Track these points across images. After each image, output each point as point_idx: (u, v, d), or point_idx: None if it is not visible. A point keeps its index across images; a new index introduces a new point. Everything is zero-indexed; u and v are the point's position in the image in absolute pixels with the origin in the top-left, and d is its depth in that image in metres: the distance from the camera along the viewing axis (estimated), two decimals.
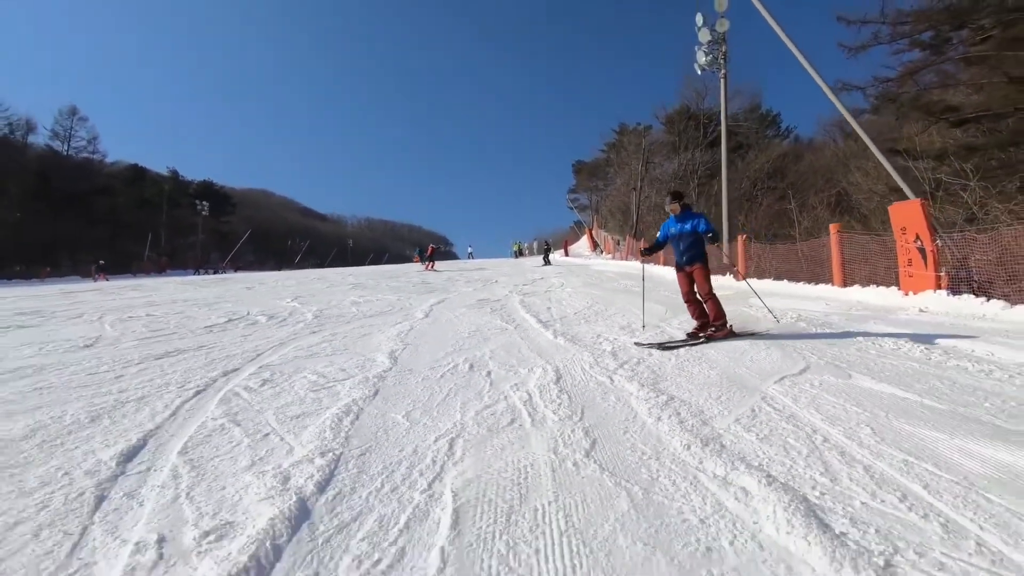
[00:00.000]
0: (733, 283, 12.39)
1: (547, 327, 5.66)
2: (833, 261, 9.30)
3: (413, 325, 6.14)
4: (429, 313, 7.25)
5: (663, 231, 5.05)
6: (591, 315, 6.60)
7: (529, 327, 5.76)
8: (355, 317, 7.04)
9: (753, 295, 8.83)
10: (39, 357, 4.54)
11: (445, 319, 6.66)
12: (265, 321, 6.70)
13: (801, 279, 10.56)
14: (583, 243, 46.40)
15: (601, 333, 5.23)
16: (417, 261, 27.25)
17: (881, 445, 2.19)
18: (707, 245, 4.83)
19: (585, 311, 6.99)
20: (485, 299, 8.98)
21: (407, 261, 30.31)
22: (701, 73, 17.50)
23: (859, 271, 8.93)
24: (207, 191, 62.88)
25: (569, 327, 5.68)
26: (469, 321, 6.37)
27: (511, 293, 9.96)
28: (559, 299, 8.62)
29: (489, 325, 5.98)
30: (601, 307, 7.31)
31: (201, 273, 37.99)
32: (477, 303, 8.38)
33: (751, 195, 27.53)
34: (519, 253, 37.28)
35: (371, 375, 3.68)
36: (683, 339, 4.70)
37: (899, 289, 7.50)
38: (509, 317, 6.60)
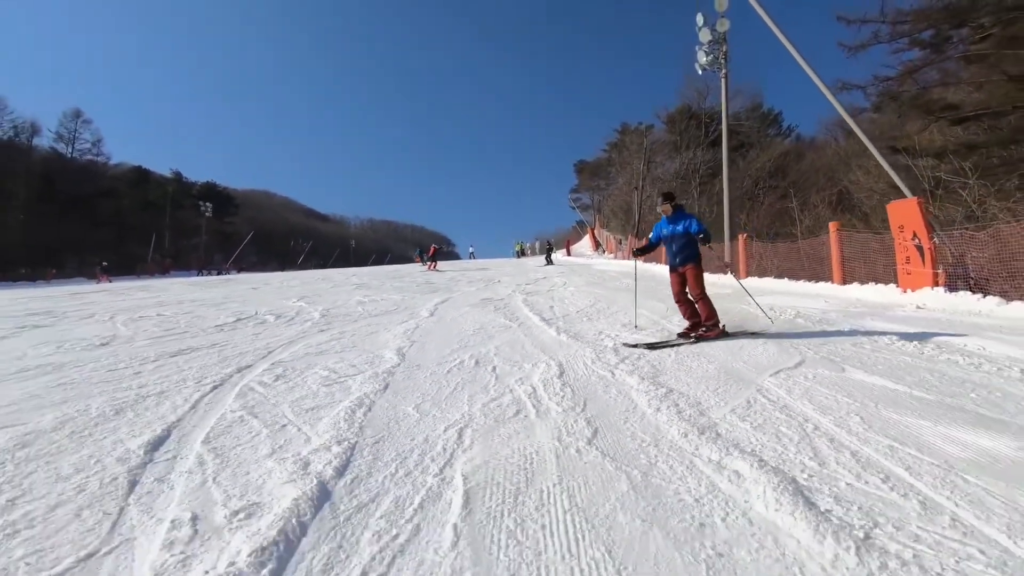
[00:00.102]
0: (733, 281, 12.49)
1: (550, 324, 5.78)
2: (832, 259, 9.39)
3: (419, 323, 6.27)
4: (434, 312, 7.38)
5: (655, 232, 5.04)
6: (593, 313, 6.71)
7: (532, 325, 5.88)
8: (361, 316, 7.17)
9: (756, 294, 8.94)
10: (58, 355, 4.68)
11: (450, 318, 6.78)
12: (273, 320, 6.84)
13: (802, 277, 10.64)
14: (585, 243, 46.54)
15: (603, 330, 5.35)
16: (418, 261, 27.35)
17: (869, 432, 2.30)
18: (701, 246, 4.79)
19: (587, 309, 7.11)
20: (488, 298, 9.10)
21: (410, 262, 30.42)
22: (702, 73, 17.56)
23: (859, 269, 9.02)
24: (210, 192, 63.20)
25: (572, 324, 5.80)
26: (473, 319, 6.49)
27: (514, 292, 10.07)
28: (562, 298, 8.74)
29: (493, 323, 6.11)
30: (603, 305, 7.42)
31: (204, 274, 38.20)
32: (481, 302, 8.50)
33: (753, 194, 27.58)
34: (521, 253, 37.38)
35: (380, 370, 3.81)
36: (673, 339, 4.68)
37: (897, 286, 7.59)
38: (513, 315, 6.72)
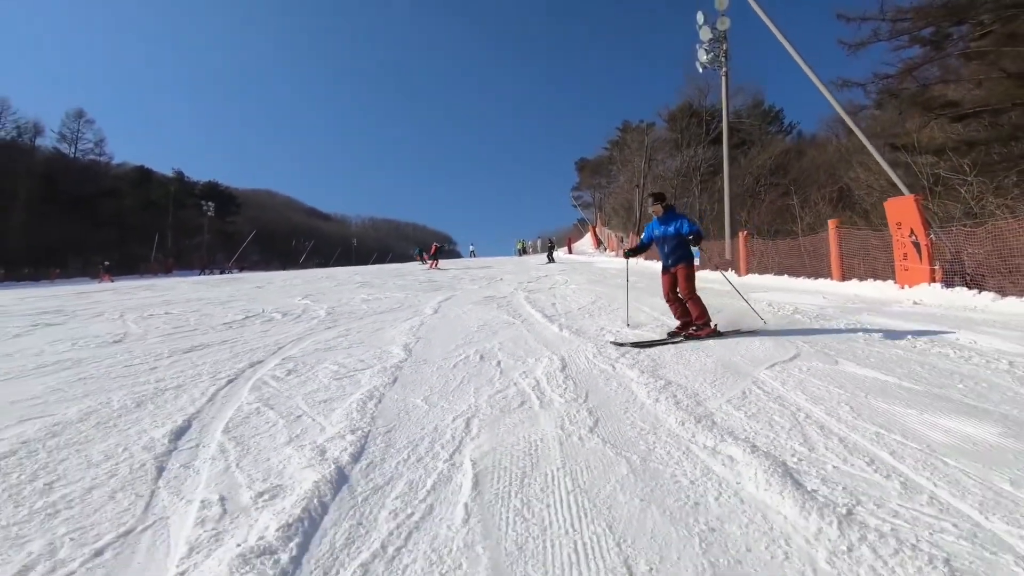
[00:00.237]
0: (734, 278, 12.59)
1: (552, 321, 5.90)
2: (832, 256, 9.49)
3: (423, 320, 6.39)
4: (438, 309, 7.50)
5: (647, 233, 5.00)
6: (595, 310, 6.83)
7: (535, 321, 6.00)
8: (366, 314, 7.30)
9: (754, 290, 9.04)
10: (74, 352, 4.81)
11: (454, 315, 6.90)
12: (281, 318, 6.97)
13: (802, 274, 10.75)
14: (587, 240, 46.62)
15: (604, 326, 5.46)
16: (418, 260, 27.47)
17: (857, 420, 2.42)
18: (700, 245, 4.71)
19: (589, 306, 7.22)
20: (491, 296, 9.22)
21: (411, 260, 30.50)
22: (703, 71, 17.65)
23: (860, 265, 9.12)
24: (212, 192, 63.41)
25: (574, 321, 5.92)
26: (477, 316, 6.61)
27: (516, 290, 10.19)
28: (563, 295, 8.85)
29: (497, 320, 6.23)
30: (604, 302, 7.53)
31: (207, 273, 38.37)
32: (483, 300, 8.62)
33: (754, 191, 27.63)
34: (523, 251, 37.51)
35: (388, 365, 3.93)
36: (663, 338, 4.63)
37: (895, 283, 7.70)
38: (515, 312, 6.84)
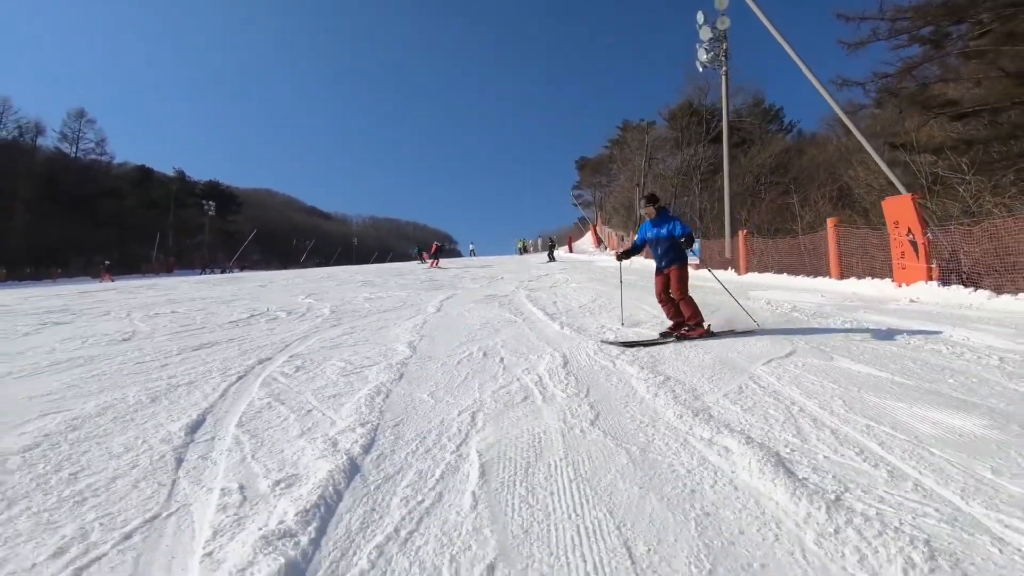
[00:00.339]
0: (735, 277, 12.67)
1: (554, 319, 5.99)
2: (830, 254, 9.57)
3: (426, 319, 6.48)
4: (440, 308, 7.59)
5: (640, 234, 5.01)
6: (595, 308, 6.92)
7: (537, 319, 6.09)
8: (370, 312, 7.39)
9: (754, 289, 9.13)
10: (85, 349, 4.91)
11: (456, 313, 7.00)
12: (285, 316, 7.06)
13: (801, 272, 10.84)
14: (587, 239, 46.70)
15: (605, 324, 5.55)
16: (418, 260, 27.55)
17: (849, 413, 2.51)
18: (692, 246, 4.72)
19: (590, 304, 7.31)
20: (493, 295, 9.31)
21: (412, 260, 30.53)
22: (703, 70, 17.74)
23: (859, 264, 9.19)
24: (213, 191, 63.49)
25: (575, 319, 6.01)
26: (479, 315, 6.70)
27: (517, 289, 10.28)
28: (564, 294, 8.94)
29: (499, 318, 6.32)
30: (605, 301, 7.62)
31: (207, 272, 38.43)
32: (485, 298, 8.71)
33: (754, 190, 27.66)
34: (523, 250, 37.60)
35: (394, 362, 4.03)
36: (654, 338, 4.62)
37: (893, 281, 7.78)
38: (517, 311, 6.93)
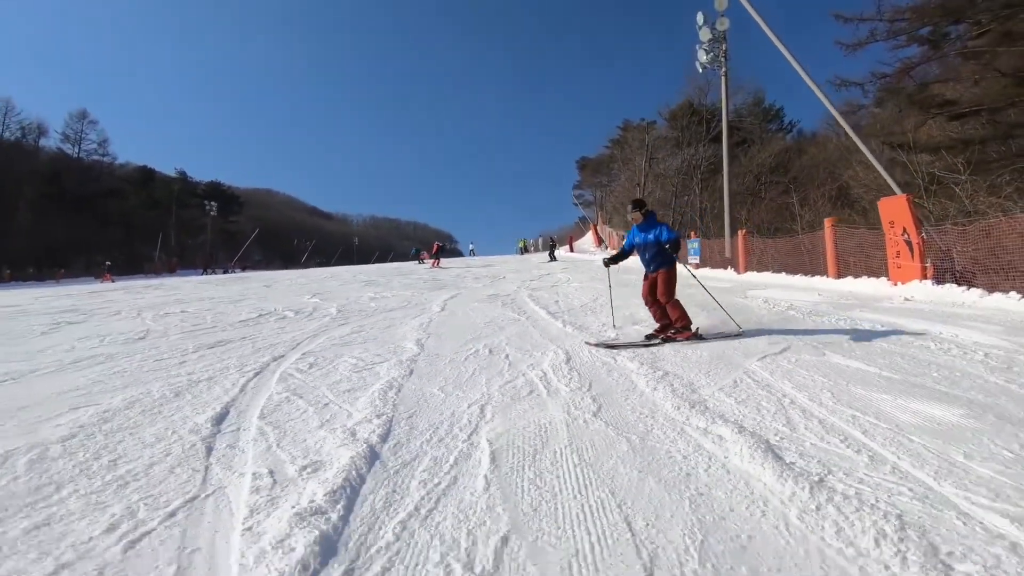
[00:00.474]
0: (734, 276, 12.82)
1: (556, 317, 6.14)
2: (828, 254, 9.71)
3: (432, 318, 6.64)
4: (444, 307, 7.75)
5: (629, 239, 5.01)
6: (597, 307, 7.07)
7: (539, 318, 6.25)
8: (376, 311, 7.55)
9: (752, 288, 9.27)
10: (103, 348, 5.07)
11: (460, 312, 7.15)
12: (293, 316, 7.23)
13: (799, 272, 10.97)
14: (588, 239, 46.79)
15: (606, 322, 5.69)
16: (417, 260, 27.71)
17: (837, 405, 2.66)
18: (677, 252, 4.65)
19: (591, 303, 7.46)
20: (495, 294, 9.47)
21: (411, 260, 30.60)
22: (703, 71, 17.88)
23: (857, 263, 9.33)
24: (215, 191, 63.67)
25: (576, 317, 6.16)
26: (483, 314, 6.86)
27: (520, 288, 10.44)
28: (566, 293, 9.09)
29: (502, 317, 6.47)
30: (606, 300, 7.72)
31: (209, 273, 38.51)
32: (488, 298, 8.86)
33: (754, 190, 27.79)
34: (524, 250, 37.74)
35: (404, 359, 4.19)
36: (640, 340, 4.60)
37: (888, 280, 7.92)
38: (520, 309, 7.08)
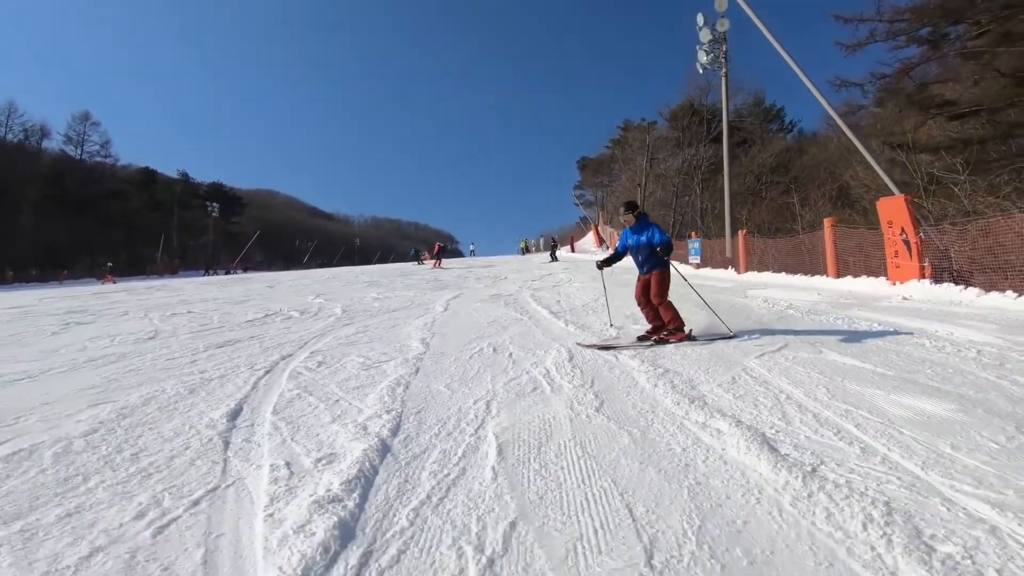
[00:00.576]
0: (734, 276, 12.90)
1: (558, 317, 6.24)
2: (827, 253, 9.79)
3: (435, 318, 6.73)
4: (447, 307, 7.84)
5: (622, 242, 5.00)
6: (598, 307, 7.14)
7: (542, 317, 6.34)
8: (380, 311, 7.65)
9: (752, 288, 9.35)
10: (115, 347, 5.18)
11: (464, 312, 7.25)
12: (299, 316, 7.33)
13: (800, 272, 11.05)
14: (589, 239, 46.88)
15: (608, 321, 5.78)
16: (416, 261, 27.84)
17: (831, 400, 2.75)
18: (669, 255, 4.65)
19: (593, 303, 7.55)
20: (498, 294, 9.56)
21: (411, 260, 30.63)
22: (703, 72, 17.95)
23: (857, 263, 9.40)
24: (216, 192, 63.86)
25: (579, 317, 6.25)
26: (486, 313, 6.95)
27: (522, 288, 10.53)
28: (568, 293, 9.18)
29: (505, 316, 6.56)
30: (614, 299, 7.84)
31: (211, 274, 38.60)
32: (491, 298, 8.96)
33: (755, 190, 27.86)
34: (526, 250, 37.86)
35: (410, 357, 4.28)
36: (632, 342, 4.61)
37: (887, 279, 8.00)
38: (523, 309, 7.17)
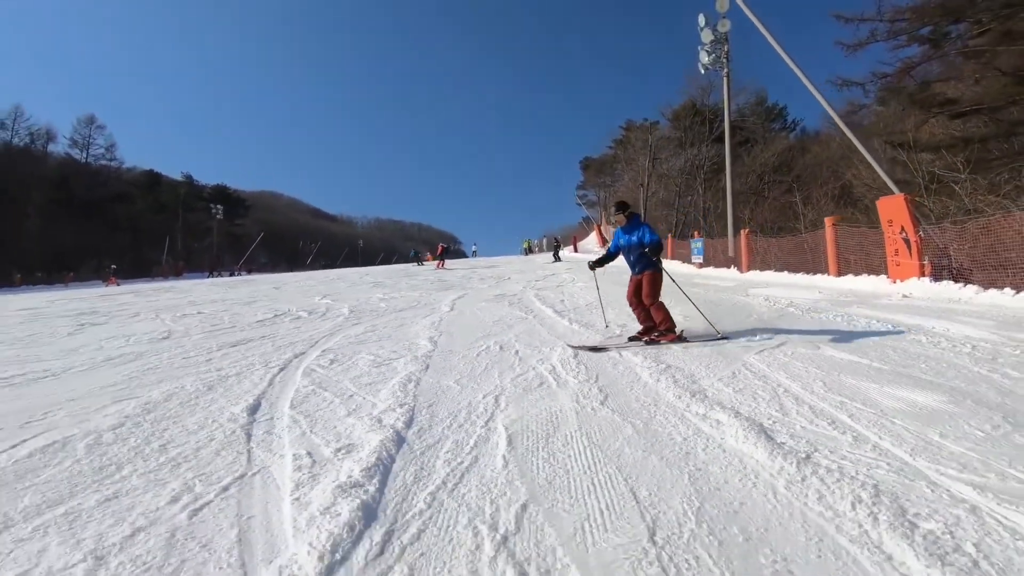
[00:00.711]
0: (737, 275, 12.98)
1: (562, 316, 6.35)
2: (828, 252, 9.87)
3: (442, 317, 6.86)
4: (453, 307, 7.96)
5: (614, 242, 5.00)
6: (602, 305, 7.25)
7: (546, 316, 6.46)
8: (386, 311, 7.78)
9: (754, 286, 9.44)
10: (131, 347, 5.32)
11: (469, 311, 7.37)
12: (307, 316, 7.46)
13: (802, 270, 11.12)
14: (592, 239, 46.95)
15: (611, 320, 5.90)
16: (415, 262, 28.02)
17: (828, 393, 2.85)
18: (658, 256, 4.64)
19: (596, 302, 7.63)
20: (502, 294, 9.68)
21: (411, 262, 30.69)
22: (705, 72, 18.04)
23: (859, 261, 9.47)
24: (220, 195, 64.21)
25: (582, 315, 6.37)
26: (491, 313, 7.07)
27: (525, 288, 10.64)
28: (571, 293, 9.28)
29: (510, 316, 6.68)
30: (611, 298, 7.94)
31: (216, 276, 38.84)
32: (495, 298, 9.07)
33: (757, 189, 27.91)
34: (529, 250, 37.98)
35: (419, 355, 4.40)
36: (623, 342, 4.60)
37: (888, 277, 8.08)
38: (527, 308, 7.29)
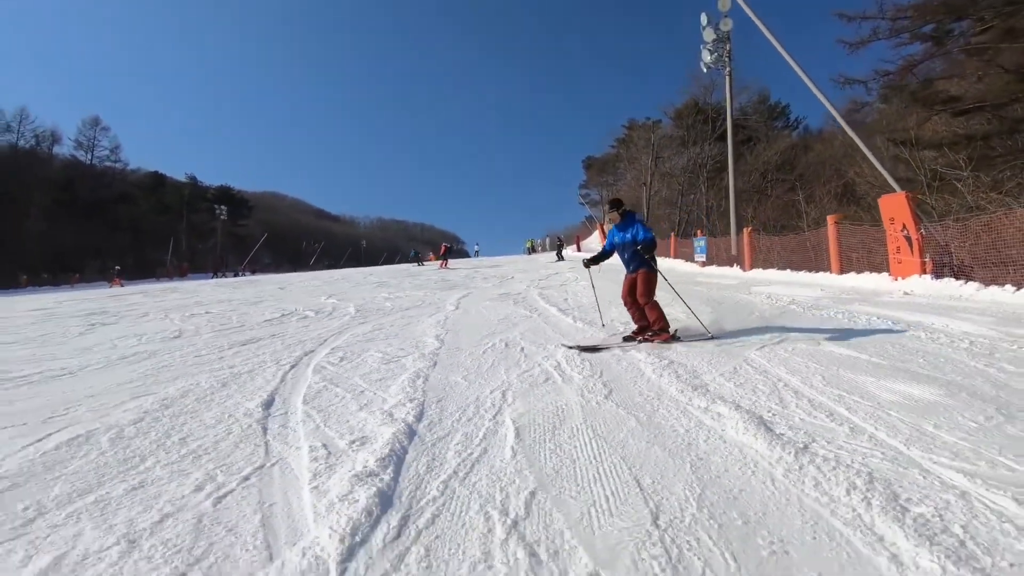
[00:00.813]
0: (740, 273, 13.03)
1: (566, 314, 6.44)
2: (830, 250, 9.91)
3: (447, 316, 6.95)
4: (458, 306, 8.06)
5: (609, 240, 4.99)
6: (605, 304, 7.32)
7: (551, 315, 6.54)
8: (392, 311, 7.87)
9: (757, 284, 9.49)
10: (144, 346, 5.43)
11: (474, 310, 7.46)
12: (314, 315, 7.57)
13: (804, 268, 11.17)
14: (595, 238, 46.92)
15: (615, 318, 5.98)
16: (415, 263, 28.11)
17: (826, 387, 2.93)
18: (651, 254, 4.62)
19: (599, 301, 7.71)
20: (506, 293, 9.77)
21: (411, 262, 30.63)
22: (707, 71, 18.07)
23: (861, 259, 9.51)
24: (224, 195, 64.49)
25: (586, 314, 6.45)
26: (496, 311, 7.16)
27: (529, 287, 10.73)
28: (575, 291, 9.37)
29: (515, 314, 6.77)
30: (613, 297, 8.02)
31: (220, 276, 39.02)
32: (499, 296, 9.16)
33: (760, 187, 27.91)
34: (532, 250, 38.07)
35: (426, 352, 4.49)
36: (618, 342, 4.61)
37: (889, 275, 8.12)
38: (531, 307, 7.37)
